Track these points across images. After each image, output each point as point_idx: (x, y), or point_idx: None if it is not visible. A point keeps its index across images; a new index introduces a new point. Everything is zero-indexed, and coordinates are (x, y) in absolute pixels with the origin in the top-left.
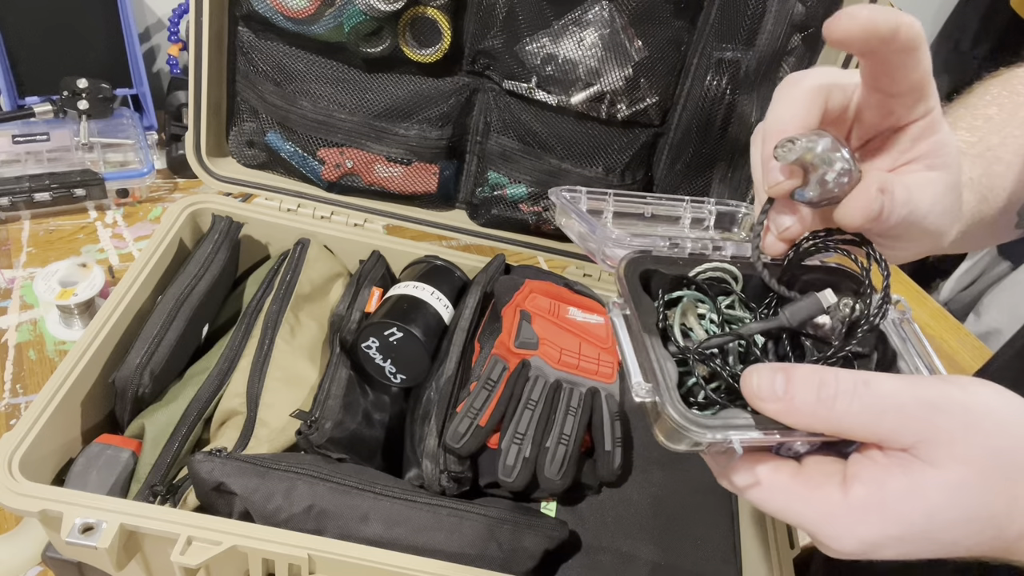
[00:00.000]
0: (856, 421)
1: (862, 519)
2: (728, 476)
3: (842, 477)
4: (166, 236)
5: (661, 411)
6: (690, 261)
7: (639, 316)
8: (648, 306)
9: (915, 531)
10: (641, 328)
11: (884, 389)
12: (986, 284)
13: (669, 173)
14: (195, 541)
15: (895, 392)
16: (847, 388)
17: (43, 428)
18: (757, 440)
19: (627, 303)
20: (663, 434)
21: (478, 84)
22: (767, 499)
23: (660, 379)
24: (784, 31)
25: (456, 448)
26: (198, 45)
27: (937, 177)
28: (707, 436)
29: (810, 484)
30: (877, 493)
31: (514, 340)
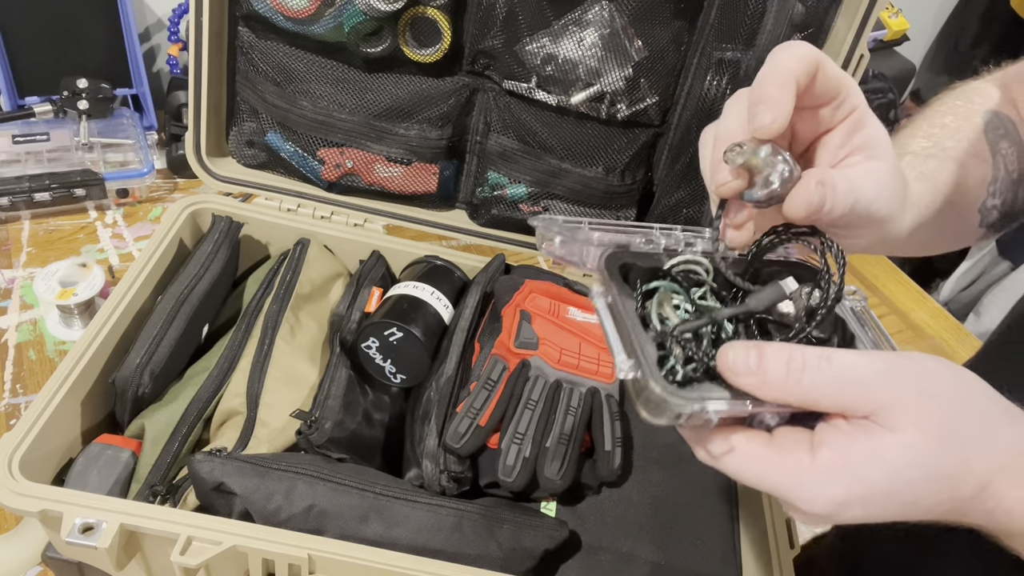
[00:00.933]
0: (821, 392)
1: (830, 480)
2: (704, 446)
3: (810, 444)
4: (166, 236)
5: (643, 385)
6: (664, 255)
7: (620, 302)
8: (627, 295)
9: (877, 490)
10: (623, 312)
11: (845, 363)
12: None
13: (669, 173)
14: (195, 541)
15: (855, 366)
16: (812, 363)
17: (43, 428)
18: (731, 411)
19: (608, 291)
20: (645, 408)
21: (478, 84)
22: (742, 466)
23: (641, 357)
24: (784, 31)
25: (456, 448)
26: (198, 45)
27: (878, 166)
28: (686, 407)
29: (781, 451)
30: (842, 456)
31: (514, 340)
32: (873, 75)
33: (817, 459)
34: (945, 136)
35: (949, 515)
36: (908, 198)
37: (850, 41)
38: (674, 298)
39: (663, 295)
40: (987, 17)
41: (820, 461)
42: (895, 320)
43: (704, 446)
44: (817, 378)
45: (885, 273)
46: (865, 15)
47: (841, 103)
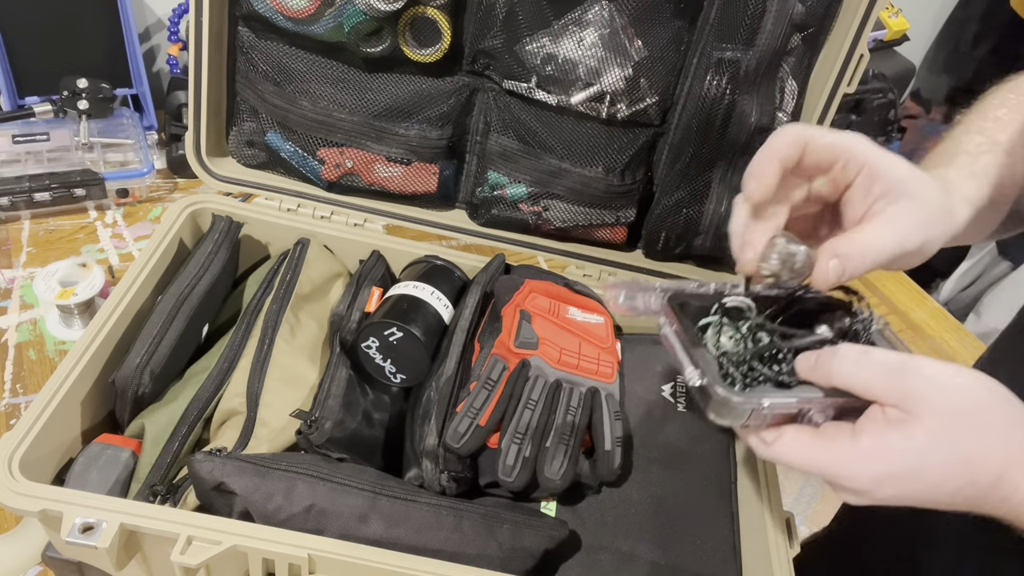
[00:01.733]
0: (858, 379)
1: (868, 461)
2: (761, 437)
3: (851, 432)
4: (166, 236)
5: (710, 391)
6: (714, 296)
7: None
8: (689, 326)
9: (907, 469)
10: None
11: (879, 358)
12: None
13: (669, 173)
14: (195, 541)
15: (888, 362)
16: (854, 356)
17: (43, 428)
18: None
19: (672, 322)
20: (712, 410)
21: (478, 84)
22: (793, 453)
23: (705, 369)
24: (784, 31)
25: (456, 448)
26: (198, 45)
27: (902, 207)
28: (746, 404)
29: (827, 439)
30: (878, 440)
31: (514, 340)
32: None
33: (857, 444)
34: (998, 130)
35: (972, 502)
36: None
37: (850, 41)
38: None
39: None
40: (987, 17)
41: (860, 445)
42: (895, 320)
43: (761, 437)
44: (856, 367)
45: (885, 273)
46: (865, 15)
47: (845, 165)
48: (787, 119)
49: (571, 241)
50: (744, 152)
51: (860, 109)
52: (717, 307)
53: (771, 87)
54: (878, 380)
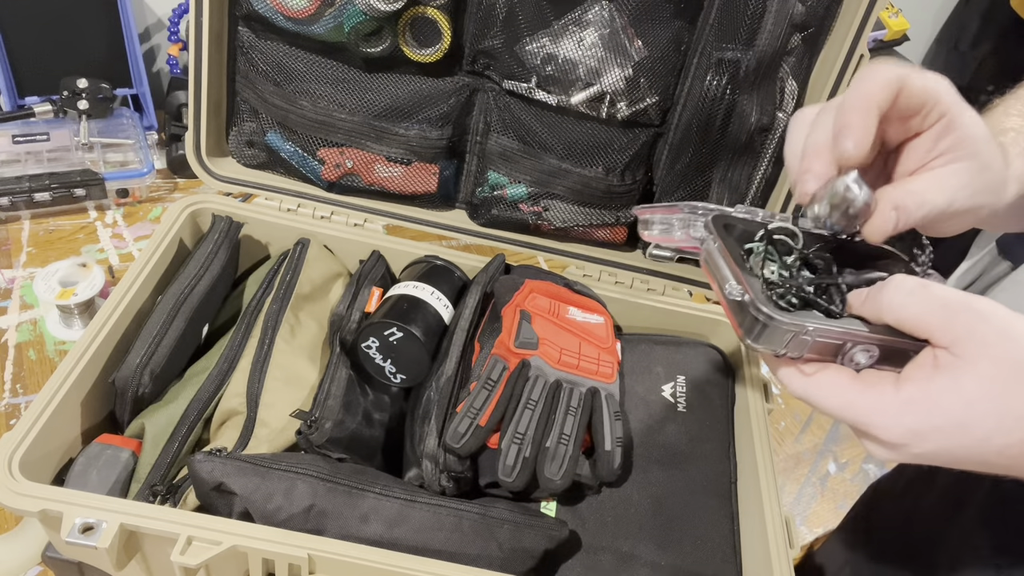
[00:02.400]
0: (910, 312)
1: (910, 410)
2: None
3: (895, 379)
4: (166, 236)
5: (751, 308)
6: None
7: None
8: (732, 245)
9: (952, 421)
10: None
11: (938, 292)
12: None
13: (669, 173)
14: (195, 541)
15: (947, 296)
16: (910, 286)
17: (43, 428)
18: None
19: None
20: (750, 333)
21: (478, 84)
22: (829, 394)
23: (747, 285)
24: (784, 31)
25: (456, 448)
26: (198, 45)
27: (962, 166)
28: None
29: (867, 383)
30: (924, 388)
31: (514, 340)
32: None
33: (900, 391)
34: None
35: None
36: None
37: (850, 41)
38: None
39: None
40: (987, 17)
41: (903, 393)
42: None
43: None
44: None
45: None
46: (865, 15)
47: (928, 112)
48: (787, 119)
49: (571, 241)
50: (744, 152)
51: None
52: (763, 233)
53: (771, 87)
54: (933, 316)
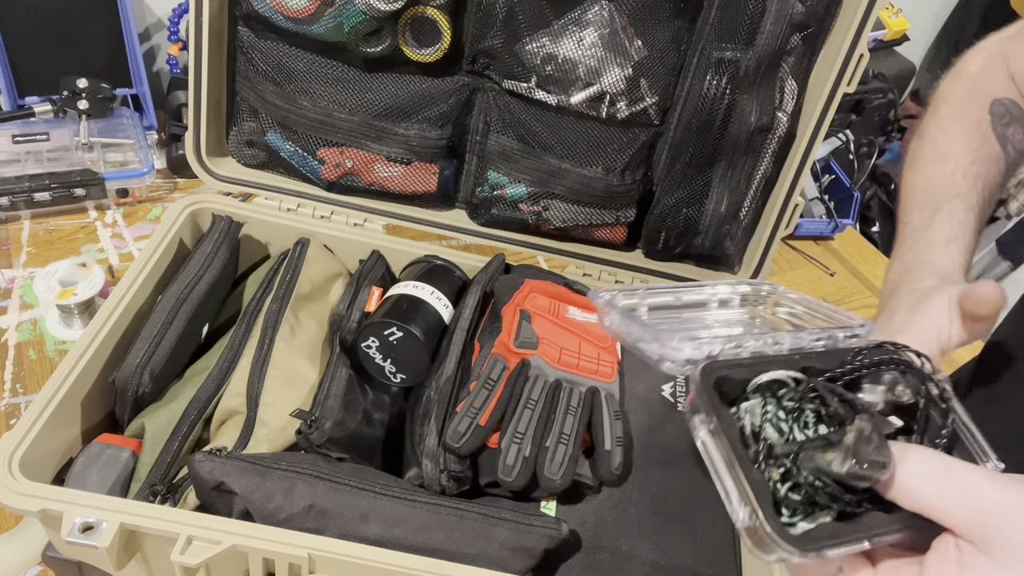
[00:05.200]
0: (933, 503)
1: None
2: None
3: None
4: (166, 236)
5: (762, 533)
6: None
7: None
8: (728, 418)
9: None
10: (731, 447)
11: (964, 480)
12: None
13: (669, 173)
14: (195, 540)
15: (974, 486)
16: (930, 471)
17: (43, 428)
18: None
19: (710, 418)
20: (755, 546)
21: (478, 84)
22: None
23: (756, 503)
24: (784, 31)
25: (456, 447)
26: (198, 45)
27: None
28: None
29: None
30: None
31: (514, 339)
32: (873, 75)
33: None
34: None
35: None
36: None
37: (850, 41)
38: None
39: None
40: (987, 17)
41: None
42: None
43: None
44: (936, 488)
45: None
46: (865, 15)
47: None
48: (787, 119)
49: (571, 241)
50: (744, 152)
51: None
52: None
53: (771, 87)
54: (958, 510)
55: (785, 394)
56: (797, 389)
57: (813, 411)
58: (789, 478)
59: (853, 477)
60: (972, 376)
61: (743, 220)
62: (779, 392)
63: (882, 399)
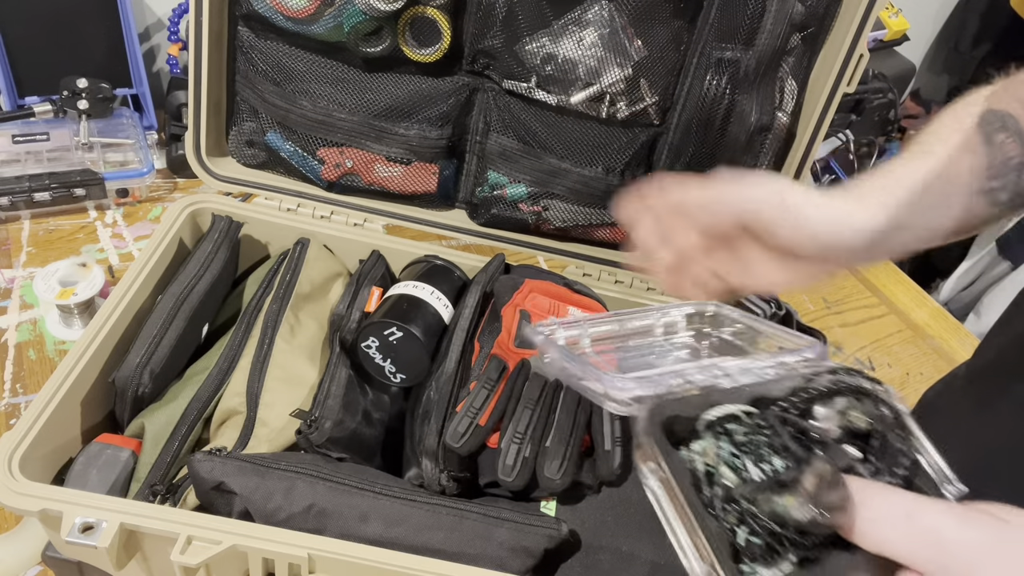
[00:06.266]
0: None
1: None
2: None
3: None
4: (166, 236)
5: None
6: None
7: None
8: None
9: None
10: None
11: (928, 524)
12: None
13: (669, 173)
14: (195, 540)
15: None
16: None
17: (43, 428)
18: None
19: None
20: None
21: (478, 84)
22: None
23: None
24: (784, 31)
25: (456, 447)
26: (198, 45)
27: None
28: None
29: None
30: None
31: (514, 339)
32: (873, 75)
33: None
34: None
35: None
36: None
37: (850, 41)
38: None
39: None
40: (987, 17)
41: None
42: (895, 320)
43: None
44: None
45: (885, 273)
46: (865, 15)
47: None
48: (787, 119)
49: (571, 241)
50: (744, 152)
51: (860, 109)
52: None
53: (771, 87)
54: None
55: (737, 429)
56: (750, 422)
57: (767, 444)
58: (747, 523)
59: (813, 524)
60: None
61: None
62: (730, 427)
63: (836, 424)
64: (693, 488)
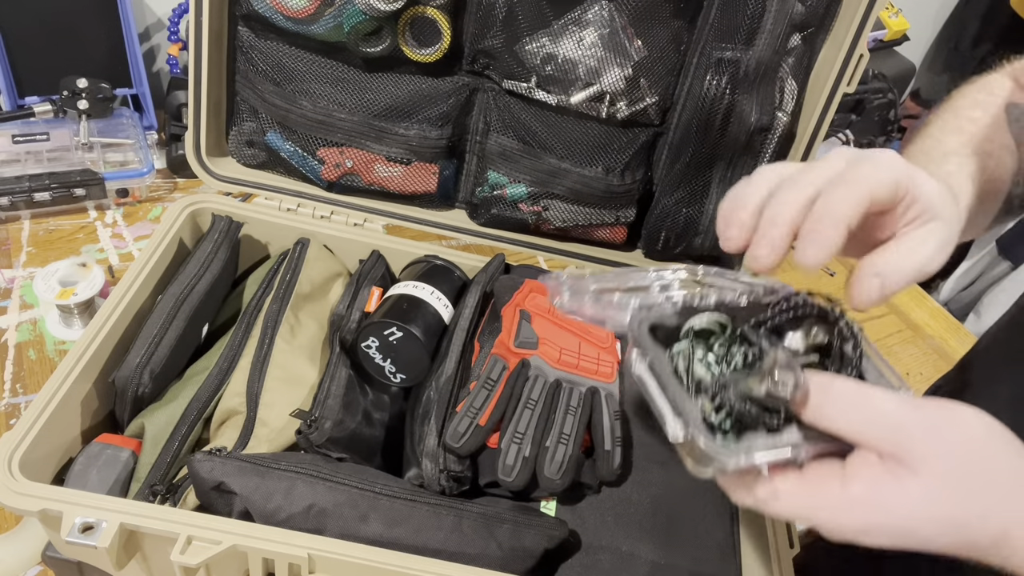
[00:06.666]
0: (854, 428)
1: (858, 511)
2: (742, 490)
3: (841, 476)
4: (166, 236)
5: (696, 445)
6: (685, 311)
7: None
8: (661, 357)
9: (897, 524)
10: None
11: (880, 405)
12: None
13: (669, 173)
14: (195, 540)
15: (889, 410)
16: (852, 400)
17: (43, 428)
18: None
19: (645, 355)
20: (693, 462)
21: (478, 84)
22: (778, 507)
23: (690, 419)
24: (784, 31)
25: (456, 447)
26: (198, 45)
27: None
28: (732, 461)
29: (813, 484)
30: (871, 490)
31: (514, 339)
32: (873, 75)
33: (847, 491)
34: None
35: (968, 554)
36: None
37: (850, 41)
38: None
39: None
40: (987, 17)
41: (850, 493)
42: (895, 320)
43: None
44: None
45: None
46: (865, 15)
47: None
48: (787, 119)
49: (571, 241)
50: (744, 152)
51: (860, 109)
52: (687, 329)
53: (771, 87)
54: (875, 431)
55: (714, 341)
56: (724, 335)
57: (741, 353)
58: (718, 404)
59: (770, 396)
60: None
61: None
62: (709, 339)
63: (803, 344)
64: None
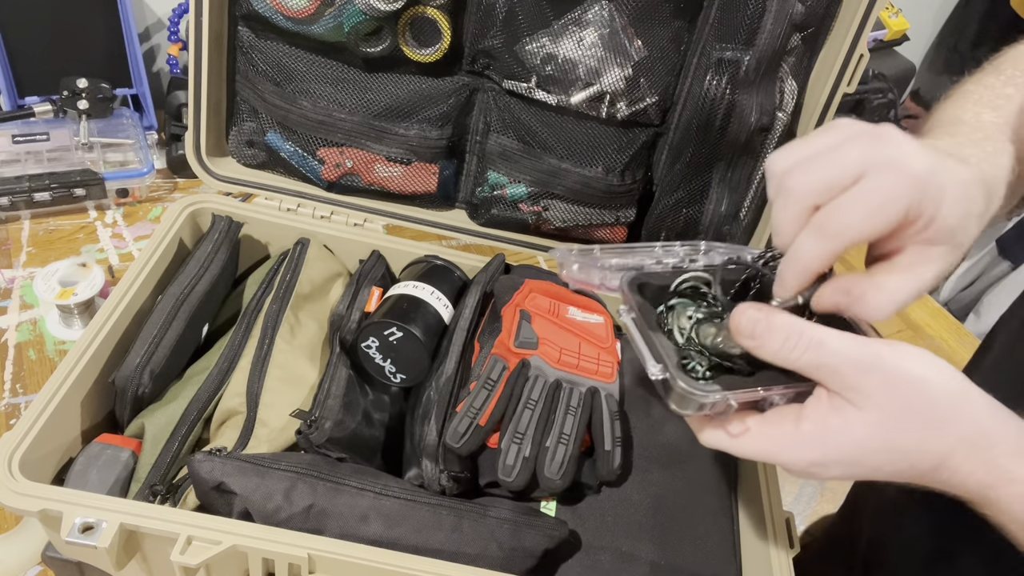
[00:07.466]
0: (806, 367)
1: (806, 446)
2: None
3: (796, 417)
4: (166, 236)
5: (672, 384)
6: (673, 273)
7: (644, 317)
8: (648, 310)
9: (845, 457)
10: (647, 326)
11: (831, 347)
12: (986, 284)
13: (669, 173)
14: (195, 541)
15: (839, 351)
16: (804, 343)
17: (43, 428)
18: (747, 397)
19: (632, 309)
20: (674, 403)
21: (478, 84)
22: (739, 445)
23: (667, 361)
24: (784, 31)
25: (456, 448)
26: (198, 45)
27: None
28: (708, 397)
29: (770, 423)
30: (819, 427)
31: (514, 340)
32: (873, 75)
33: (799, 429)
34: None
35: (912, 481)
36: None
37: (850, 41)
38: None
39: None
40: (987, 17)
41: (801, 431)
42: (895, 320)
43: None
44: (804, 355)
45: None
46: (865, 15)
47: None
48: (787, 119)
49: (571, 241)
50: (744, 152)
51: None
52: (676, 286)
53: (771, 87)
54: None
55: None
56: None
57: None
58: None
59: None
60: None
61: (743, 220)
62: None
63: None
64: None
